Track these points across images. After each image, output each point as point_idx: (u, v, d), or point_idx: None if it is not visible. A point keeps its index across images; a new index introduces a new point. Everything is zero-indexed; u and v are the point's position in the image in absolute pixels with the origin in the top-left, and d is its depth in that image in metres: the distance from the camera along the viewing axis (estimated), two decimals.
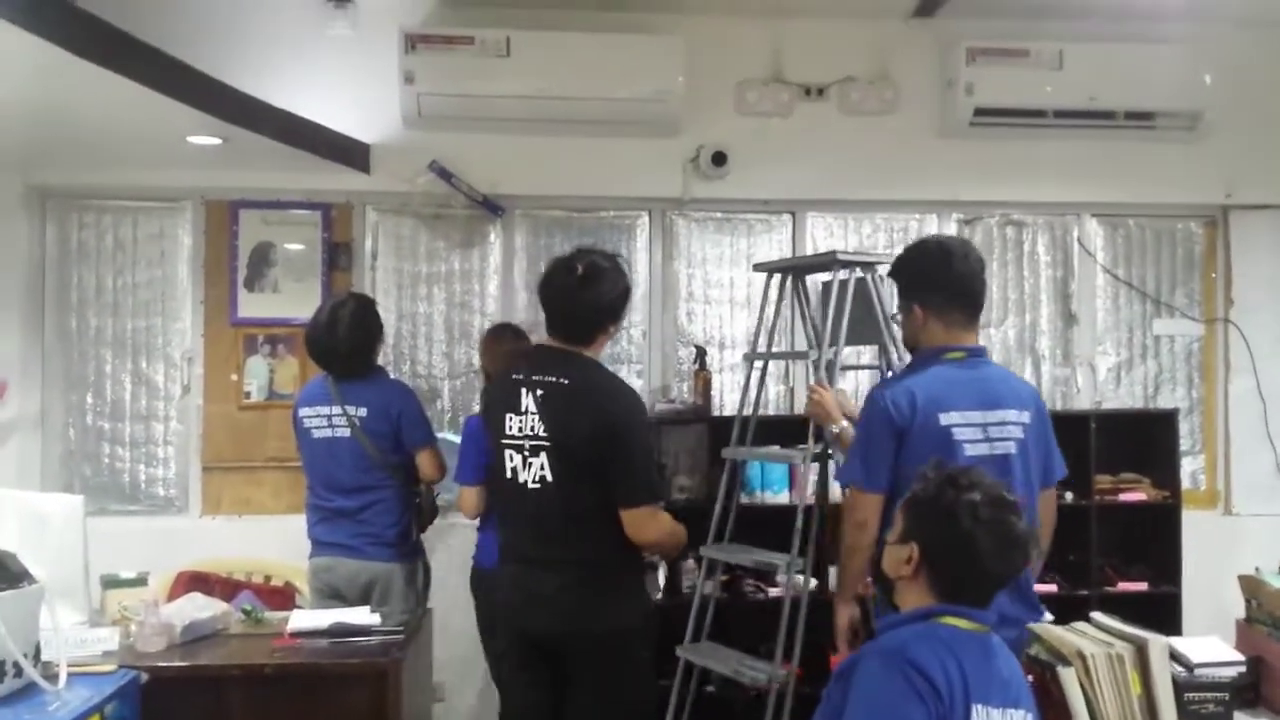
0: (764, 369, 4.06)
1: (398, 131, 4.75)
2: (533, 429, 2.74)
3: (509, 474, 2.82)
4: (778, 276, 4.06)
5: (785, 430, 4.08)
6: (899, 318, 3.07)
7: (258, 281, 4.83)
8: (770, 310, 4.00)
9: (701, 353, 4.85)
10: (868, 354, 4.24)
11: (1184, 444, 5.12)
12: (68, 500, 3.15)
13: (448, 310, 4.97)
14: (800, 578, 3.62)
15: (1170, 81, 4.87)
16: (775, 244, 5.11)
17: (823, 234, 5.13)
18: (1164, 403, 5.18)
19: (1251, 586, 2.65)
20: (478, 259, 4.98)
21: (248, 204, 4.83)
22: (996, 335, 5.15)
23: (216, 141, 4.12)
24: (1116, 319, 5.24)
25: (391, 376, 4.15)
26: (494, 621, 3.83)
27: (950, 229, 5.14)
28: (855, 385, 4.81)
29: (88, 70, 3.08)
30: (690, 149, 4.88)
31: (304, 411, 3.91)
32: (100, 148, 4.31)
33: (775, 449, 3.92)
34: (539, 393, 2.77)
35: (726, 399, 4.95)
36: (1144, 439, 4.92)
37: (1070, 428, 4.65)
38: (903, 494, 2.56)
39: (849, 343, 3.69)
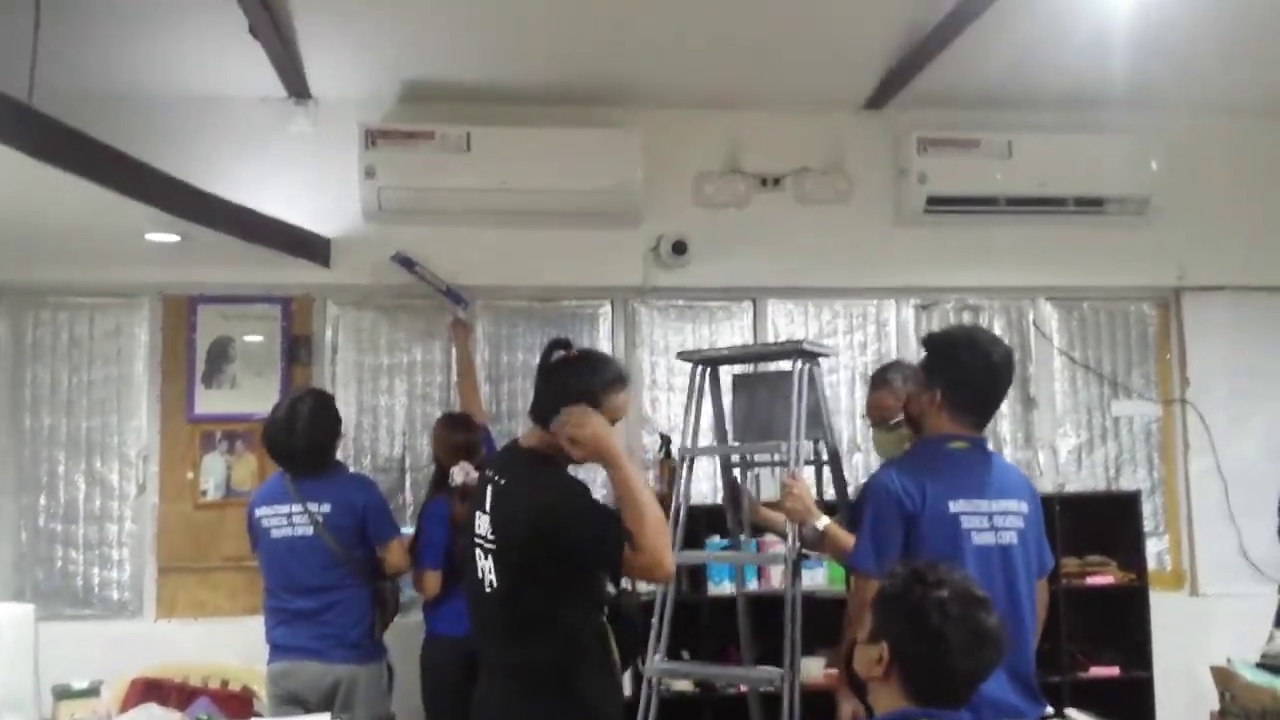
0: (691, 462, 3.74)
1: (358, 225, 4.77)
2: (487, 530, 2.66)
3: (476, 574, 2.74)
4: (702, 367, 3.79)
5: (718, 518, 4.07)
6: (910, 385, 3.06)
7: (216, 377, 4.78)
8: (694, 402, 3.71)
9: (667, 441, 4.84)
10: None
11: (1148, 524, 5.13)
12: (18, 610, 3.07)
13: (409, 402, 4.93)
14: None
15: (1117, 168, 5.00)
16: (737, 330, 5.14)
17: (784, 320, 5.16)
18: (1126, 484, 5.21)
19: (1224, 679, 2.62)
20: (439, 350, 4.96)
21: (207, 299, 4.80)
22: None
23: (175, 238, 4.11)
24: (1075, 401, 5.29)
25: (351, 470, 4.11)
26: (437, 694, 3.89)
27: (908, 314, 5.20)
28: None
29: (44, 171, 3.07)
30: (651, 239, 4.93)
31: (261, 511, 3.82)
32: (57, 245, 4.29)
33: (751, 553, 3.87)
34: (494, 491, 2.70)
35: (694, 487, 4.90)
36: (1108, 521, 4.93)
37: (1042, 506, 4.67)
38: None
39: (781, 435, 3.46)
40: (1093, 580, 4.79)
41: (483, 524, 2.67)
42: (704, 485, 4.80)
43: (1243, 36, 4.30)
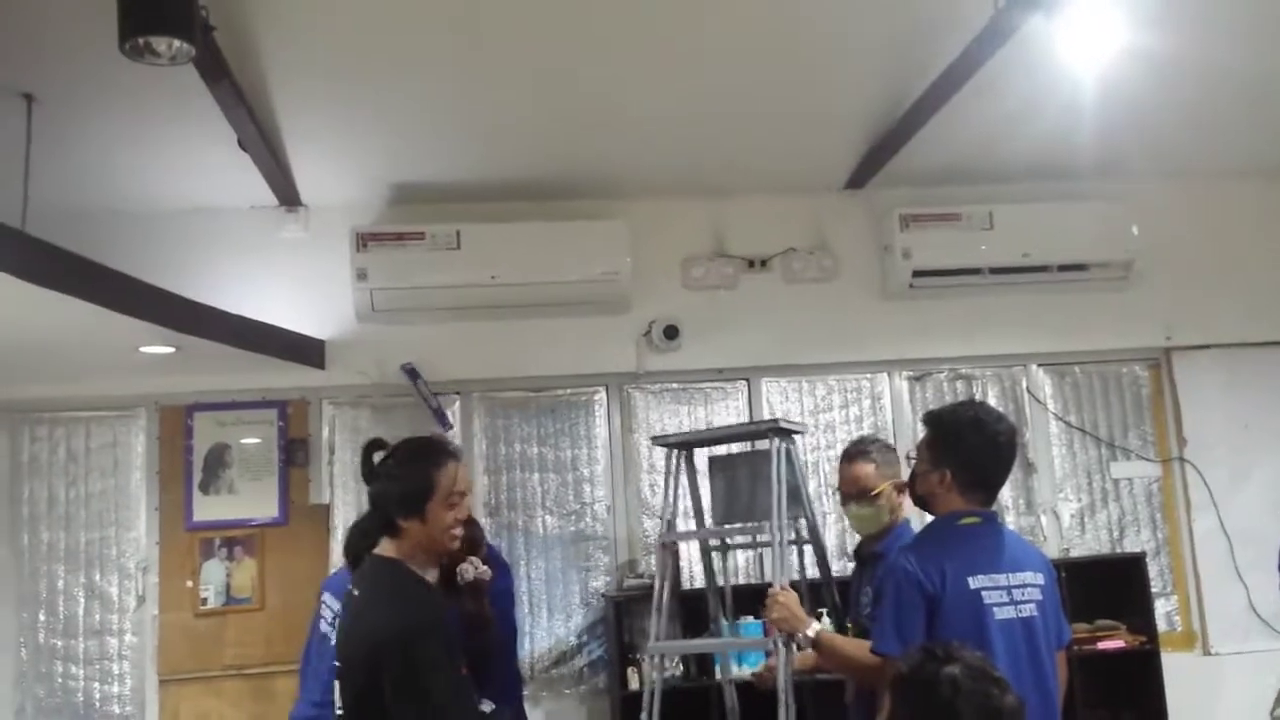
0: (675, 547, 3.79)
1: (352, 326, 4.82)
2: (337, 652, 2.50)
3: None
4: (676, 450, 3.74)
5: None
6: (912, 461, 3.05)
7: (213, 483, 4.78)
8: (671, 486, 3.65)
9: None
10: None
11: (1155, 585, 5.11)
12: None
13: None
14: None
15: (1099, 234, 5.07)
16: (732, 410, 5.16)
17: (778, 398, 5.19)
18: (1130, 545, 5.19)
19: None
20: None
21: (202, 406, 4.83)
22: None
23: (169, 350, 4.15)
24: (1074, 465, 5.29)
25: None
26: None
27: (901, 386, 5.23)
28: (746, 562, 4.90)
29: (38, 293, 3.11)
30: (642, 324, 4.98)
31: (327, 598, 3.52)
32: (53, 362, 4.32)
33: (732, 639, 3.90)
34: (346, 609, 2.55)
35: (696, 570, 4.89)
36: (1115, 584, 4.90)
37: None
38: None
39: (762, 516, 3.40)
40: (1104, 645, 4.75)
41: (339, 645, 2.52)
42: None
43: (1207, 103, 4.40)
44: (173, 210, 4.76)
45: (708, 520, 3.79)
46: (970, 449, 2.80)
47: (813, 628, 2.98)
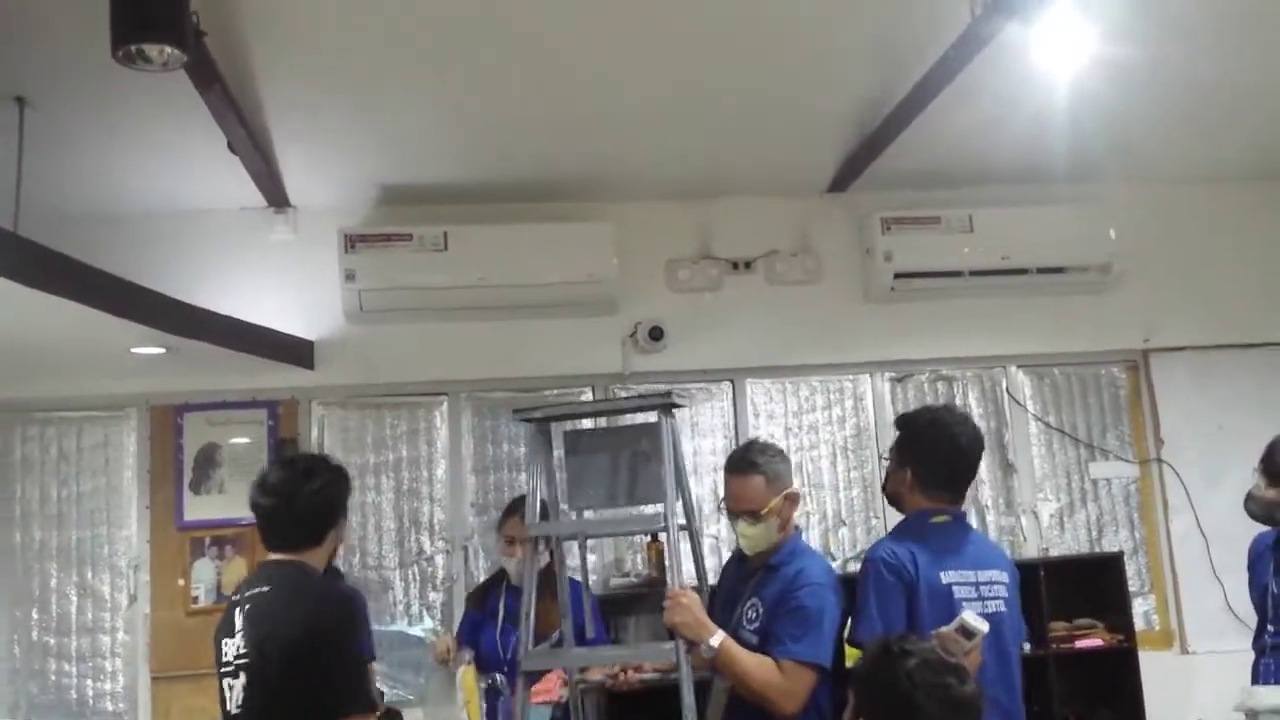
0: (548, 542, 3.27)
1: (341, 327, 4.88)
2: (238, 649, 2.55)
3: (223, 704, 2.61)
4: (537, 427, 3.16)
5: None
6: (887, 462, 3.11)
7: (204, 483, 4.83)
8: (538, 467, 3.13)
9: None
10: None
11: (1133, 585, 5.18)
12: None
13: (396, 499, 4.99)
14: None
15: (1077, 237, 5.15)
16: (718, 411, 5.23)
17: (763, 398, 5.26)
18: (1108, 545, 5.26)
19: None
20: (424, 445, 5.04)
21: (193, 407, 4.88)
22: None
23: (160, 351, 4.20)
24: (1053, 465, 5.36)
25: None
26: None
27: (883, 387, 5.29)
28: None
29: (24, 293, 3.16)
30: (628, 325, 5.04)
31: None
32: (44, 362, 4.37)
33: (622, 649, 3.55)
34: (247, 608, 2.59)
35: (683, 567, 4.94)
36: (1093, 583, 4.98)
37: (1020, 576, 4.71)
38: None
39: (651, 500, 3.01)
40: (1081, 643, 4.82)
41: (230, 647, 2.58)
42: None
43: (1181, 110, 4.48)
44: (164, 212, 4.82)
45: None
46: (930, 449, 2.89)
47: (717, 637, 2.75)
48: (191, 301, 4.19)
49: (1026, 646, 3.43)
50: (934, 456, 2.89)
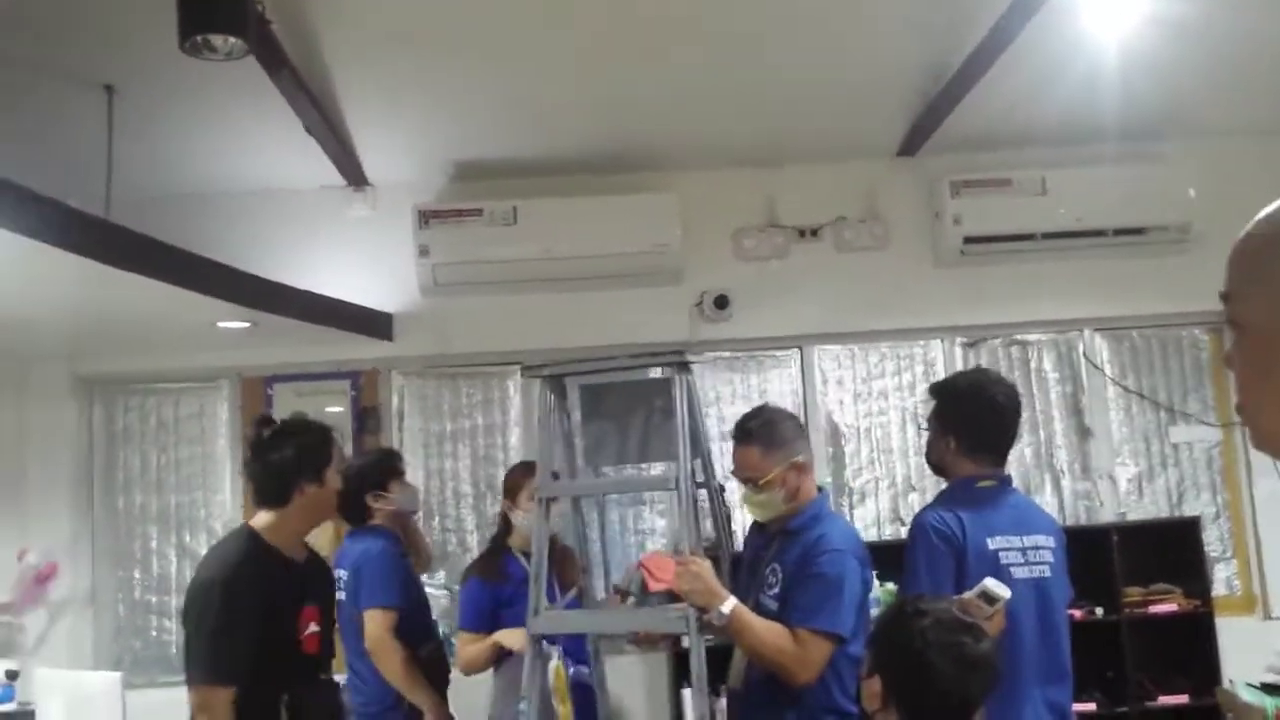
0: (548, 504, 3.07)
1: (417, 300, 5.04)
2: None
3: None
4: (549, 384, 3.12)
5: None
6: (925, 431, 3.12)
7: None
8: (550, 427, 3.08)
9: (721, 489, 4.95)
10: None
11: (1215, 550, 5.10)
12: (107, 678, 3.33)
13: (473, 464, 5.16)
14: None
15: (1155, 197, 5.03)
16: (786, 378, 5.27)
17: (831, 365, 5.28)
18: (1189, 510, 5.17)
19: (1227, 700, 2.67)
20: (499, 414, 5.19)
21: (280, 378, 5.11)
22: (1013, 454, 5.17)
23: (245, 325, 4.41)
24: (1132, 430, 5.28)
25: (385, 529, 3.85)
26: None
27: (955, 353, 5.27)
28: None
29: (119, 275, 3.38)
30: (694, 295, 5.10)
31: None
32: (140, 338, 4.62)
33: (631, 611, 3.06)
34: None
35: (701, 528, 5.02)
36: (1171, 548, 4.91)
37: (1092, 541, 4.69)
38: None
39: (660, 459, 2.98)
40: (1155, 609, 4.76)
41: None
42: None
43: (1266, 58, 4.34)
44: (247, 192, 5.03)
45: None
46: (970, 413, 2.92)
47: (728, 604, 2.68)
48: (276, 277, 4.38)
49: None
50: (977, 420, 2.92)
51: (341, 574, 3.71)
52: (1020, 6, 3.57)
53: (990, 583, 2.49)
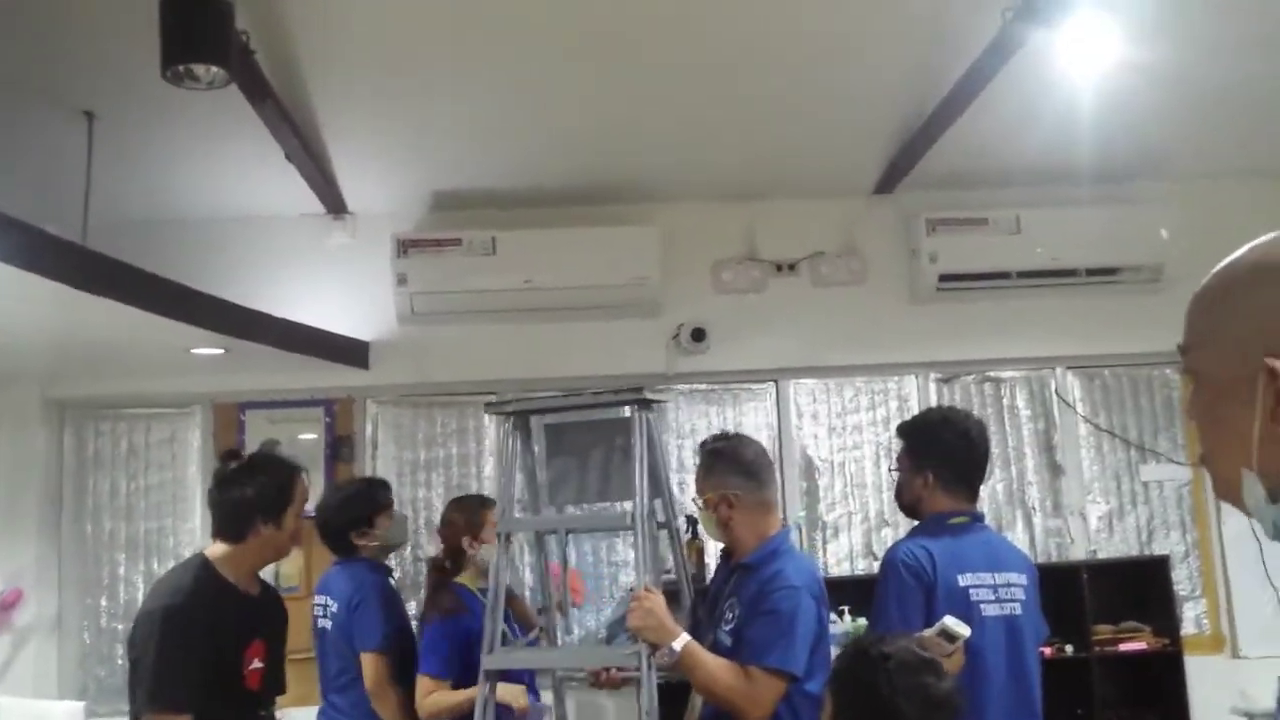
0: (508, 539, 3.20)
1: (394, 329, 5.04)
2: None
3: None
4: (513, 421, 3.16)
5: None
6: (896, 473, 3.13)
7: None
8: (509, 463, 3.15)
9: (693, 522, 4.96)
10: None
11: (1185, 588, 5.13)
12: (70, 708, 3.29)
13: (446, 494, 5.12)
14: None
15: (1128, 237, 5.09)
16: (761, 411, 5.29)
17: (806, 399, 5.30)
18: (1159, 548, 5.21)
19: None
20: (473, 443, 5.18)
21: (254, 405, 5.08)
22: (985, 491, 5.22)
23: (219, 352, 4.39)
24: (1103, 468, 5.32)
25: (379, 562, 3.88)
26: None
27: (929, 389, 5.30)
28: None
29: (92, 300, 3.36)
30: (671, 327, 5.12)
31: (315, 599, 3.81)
32: (112, 362, 4.59)
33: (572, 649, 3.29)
34: None
35: (662, 564, 5.02)
36: (1140, 587, 4.94)
37: (1063, 579, 4.71)
38: None
39: (620, 497, 3.02)
40: (1126, 647, 4.79)
41: None
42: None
43: (1237, 103, 4.42)
44: (227, 219, 5.02)
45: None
46: (946, 447, 2.93)
47: (680, 640, 2.67)
48: (255, 304, 4.38)
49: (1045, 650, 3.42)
50: (952, 453, 2.93)
51: (329, 603, 3.70)
52: (996, 49, 3.62)
53: (950, 620, 2.49)
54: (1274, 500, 1.01)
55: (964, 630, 2.47)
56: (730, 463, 2.93)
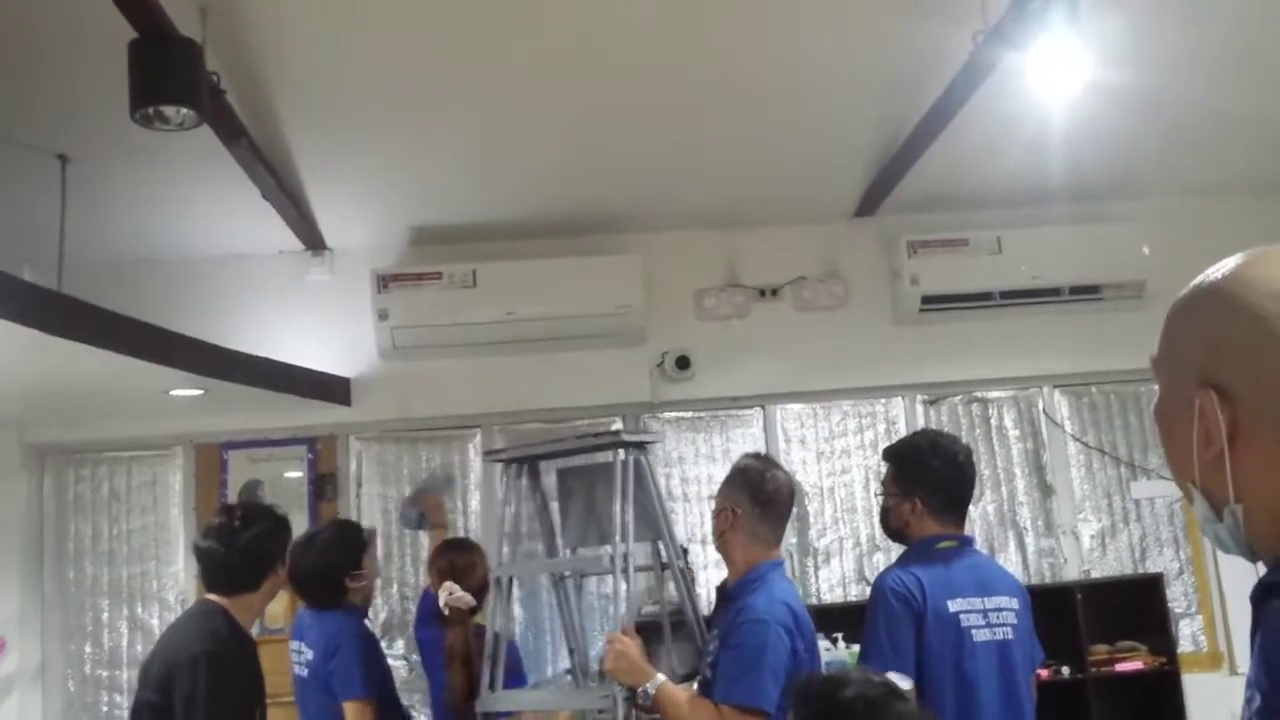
0: (509, 583, 3.29)
1: (375, 364, 5.01)
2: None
3: None
4: (514, 467, 3.27)
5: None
6: (880, 498, 3.09)
7: None
8: (512, 509, 3.23)
9: (684, 552, 4.91)
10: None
11: (1180, 605, 5.10)
12: None
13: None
14: None
15: (1109, 255, 5.09)
16: (749, 436, 5.25)
17: (793, 424, 5.27)
18: (1152, 566, 5.18)
19: None
20: (459, 478, 5.13)
21: (235, 444, 5.03)
22: (976, 512, 5.20)
23: (198, 393, 4.35)
24: (1093, 486, 5.30)
25: (357, 610, 3.69)
26: None
27: (916, 411, 5.28)
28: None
29: (69, 346, 3.33)
30: (656, 355, 5.10)
31: (291, 644, 3.72)
32: (90, 406, 4.55)
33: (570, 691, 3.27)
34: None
35: (713, 595, 4.98)
36: (1135, 605, 4.90)
37: (1057, 599, 4.68)
38: (927, 690, 2.62)
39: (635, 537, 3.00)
40: (1122, 667, 4.75)
41: None
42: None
43: (1208, 123, 4.43)
44: (205, 258, 4.99)
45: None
46: (934, 472, 2.90)
47: (653, 681, 2.68)
48: (234, 342, 4.35)
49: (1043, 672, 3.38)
50: (940, 478, 2.90)
51: (303, 649, 3.60)
52: (969, 72, 3.62)
53: (891, 675, 2.43)
54: (1219, 518, 1.03)
55: (905, 685, 2.42)
56: (748, 483, 2.91)
